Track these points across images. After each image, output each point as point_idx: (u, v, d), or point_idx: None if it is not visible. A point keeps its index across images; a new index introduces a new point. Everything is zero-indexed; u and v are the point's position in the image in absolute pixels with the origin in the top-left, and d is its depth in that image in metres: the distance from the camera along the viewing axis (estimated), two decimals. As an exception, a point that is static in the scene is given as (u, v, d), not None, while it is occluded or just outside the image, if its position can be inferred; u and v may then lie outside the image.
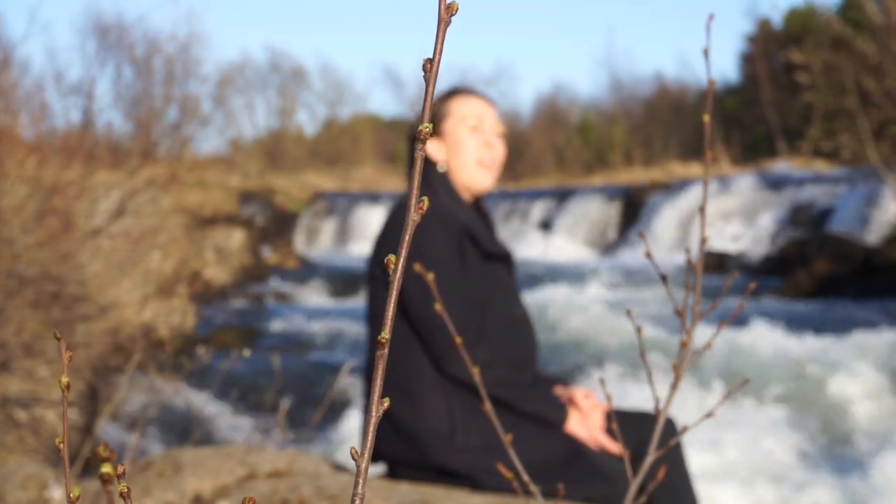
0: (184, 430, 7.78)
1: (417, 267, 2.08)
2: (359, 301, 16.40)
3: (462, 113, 3.56)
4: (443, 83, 3.85)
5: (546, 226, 25.55)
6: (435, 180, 3.51)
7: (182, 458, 3.60)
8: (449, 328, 3.21)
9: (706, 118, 1.53)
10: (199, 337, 10.96)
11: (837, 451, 7.65)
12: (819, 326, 10.83)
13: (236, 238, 19.48)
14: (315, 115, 49.96)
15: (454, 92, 3.63)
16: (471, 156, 3.55)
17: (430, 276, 1.87)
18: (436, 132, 3.55)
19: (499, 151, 3.63)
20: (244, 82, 46.18)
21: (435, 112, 3.57)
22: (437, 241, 3.30)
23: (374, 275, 3.51)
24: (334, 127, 47.94)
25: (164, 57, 18.46)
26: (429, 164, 3.56)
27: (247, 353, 4.02)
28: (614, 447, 3.34)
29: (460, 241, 3.38)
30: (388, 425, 3.35)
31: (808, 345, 10.02)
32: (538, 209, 26.33)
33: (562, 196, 26.77)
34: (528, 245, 23.73)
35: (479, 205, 3.67)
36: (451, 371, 3.27)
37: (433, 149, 3.55)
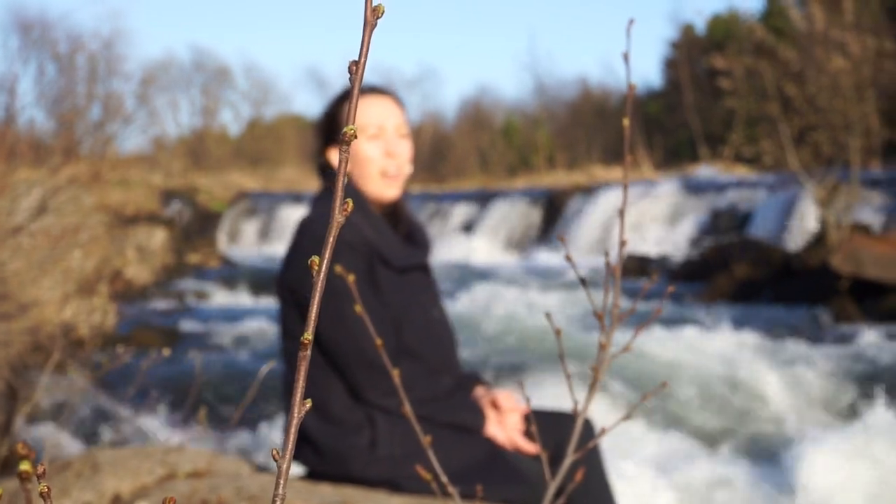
0: (103, 429, 7.70)
1: (338, 269, 2.08)
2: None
3: (361, 121, 3.41)
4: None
5: (468, 228, 25.61)
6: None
7: (101, 457, 3.58)
8: (360, 356, 3.21)
9: (626, 122, 1.55)
10: (120, 336, 10.85)
11: (753, 451, 7.74)
12: (738, 330, 10.95)
13: (158, 237, 19.32)
14: (239, 115, 49.69)
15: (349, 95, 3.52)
16: (374, 167, 3.44)
17: (351, 279, 1.88)
18: (335, 139, 3.48)
19: (403, 157, 3.49)
20: (168, 81, 45.81)
21: (334, 119, 3.49)
22: (341, 264, 3.21)
23: (283, 297, 3.42)
24: (258, 127, 47.69)
25: (88, 54, 18.30)
26: (332, 174, 3.47)
27: (167, 352, 4.01)
28: (533, 449, 3.36)
29: (369, 261, 3.32)
30: (308, 444, 3.33)
31: (727, 348, 10.12)
32: (461, 211, 26.37)
33: (484, 198, 26.84)
34: (450, 247, 23.76)
35: (395, 208, 3.60)
36: (368, 399, 3.25)
37: (335, 158, 3.45)
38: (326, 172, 3.54)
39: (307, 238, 3.37)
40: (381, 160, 3.44)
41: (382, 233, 3.41)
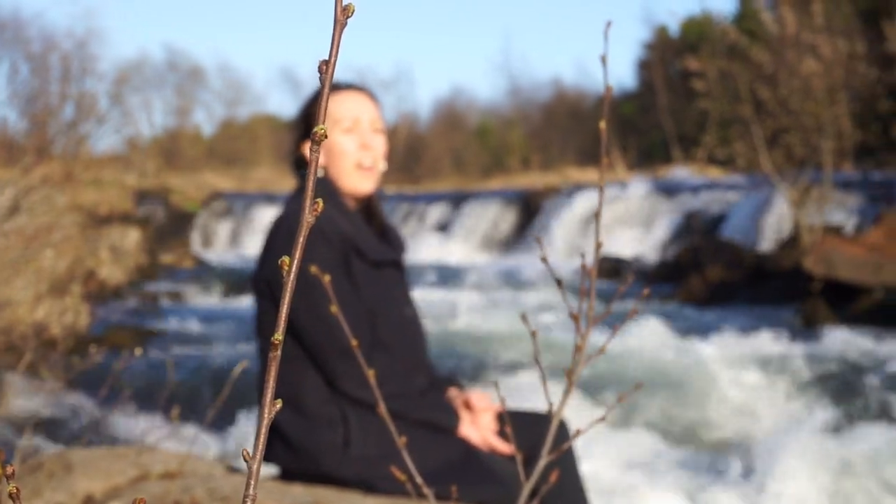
0: (75, 430, 7.67)
1: (313, 268, 2.08)
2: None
3: (336, 115, 3.45)
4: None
5: (443, 229, 25.62)
6: (316, 187, 3.42)
7: (73, 458, 3.56)
8: (337, 346, 3.22)
9: (602, 125, 1.55)
10: (93, 336, 10.81)
11: (724, 453, 7.77)
12: (711, 331, 11.00)
13: (132, 237, 19.25)
14: (212, 115, 49.60)
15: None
16: (349, 160, 3.46)
17: (327, 279, 1.88)
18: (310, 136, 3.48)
19: (378, 150, 3.52)
20: (141, 80, 45.65)
21: (310, 114, 3.50)
22: (317, 255, 3.24)
23: (260, 291, 3.45)
24: (232, 127, 47.59)
25: (61, 54, 18.24)
26: (309, 167, 3.46)
27: (139, 352, 3.99)
28: (507, 449, 3.36)
29: (344, 253, 3.33)
30: (281, 440, 3.32)
31: (700, 350, 10.16)
32: (435, 212, 26.38)
33: (459, 199, 26.85)
34: (424, 248, 23.76)
35: (369, 204, 3.62)
36: (343, 390, 3.25)
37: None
38: (302, 169, 3.55)
39: (282, 234, 3.39)
40: (356, 153, 3.47)
41: (358, 227, 3.43)
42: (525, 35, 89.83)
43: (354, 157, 3.47)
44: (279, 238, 3.40)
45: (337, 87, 3.52)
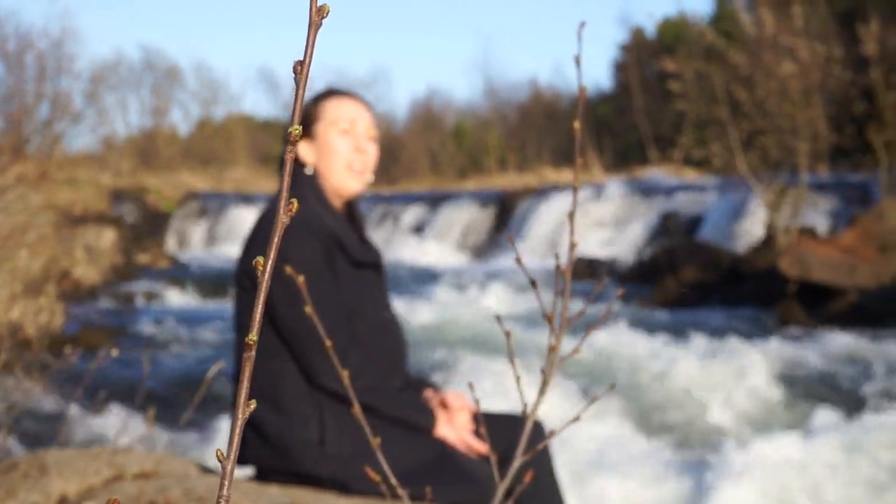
0: (50, 430, 7.65)
1: (289, 269, 2.08)
2: (230, 301, 16.31)
3: (333, 116, 3.51)
4: (317, 85, 3.83)
5: (419, 230, 25.63)
6: (304, 185, 3.47)
7: (48, 459, 3.55)
8: (316, 339, 3.23)
9: (576, 125, 1.56)
10: (68, 336, 10.77)
11: (699, 453, 7.80)
12: (686, 332, 11.03)
13: (107, 237, 19.20)
14: (189, 115, 49.45)
15: (328, 94, 3.57)
16: (341, 160, 3.50)
17: (301, 279, 1.88)
18: (307, 134, 3.52)
19: (370, 156, 3.57)
20: (117, 80, 45.52)
21: (307, 114, 3.52)
22: (303, 249, 3.26)
23: (242, 283, 3.47)
24: (208, 127, 47.47)
25: (37, 53, 18.16)
26: (298, 167, 3.51)
27: (115, 352, 3.99)
28: (483, 449, 3.37)
29: (328, 248, 3.35)
30: (258, 436, 3.33)
31: (675, 351, 10.19)
32: (412, 213, 26.39)
33: (435, 200, 26.87)
34: (400, 249, 23.78)
35: (350, 209, 3.64)
36: (320, 382, 3.26)
37: (304, 151, 3.51)
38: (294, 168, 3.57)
39: (265, 229, 3.41)
40: (349, 154, 3.52)
41: (342, 226, 3.46)
42: (502, 36, 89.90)
43: (347, 158, 3.51)
44: (262, 233, 3.42)
45: (337, 92, 3.59)
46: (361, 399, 3.18)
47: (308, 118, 3.52)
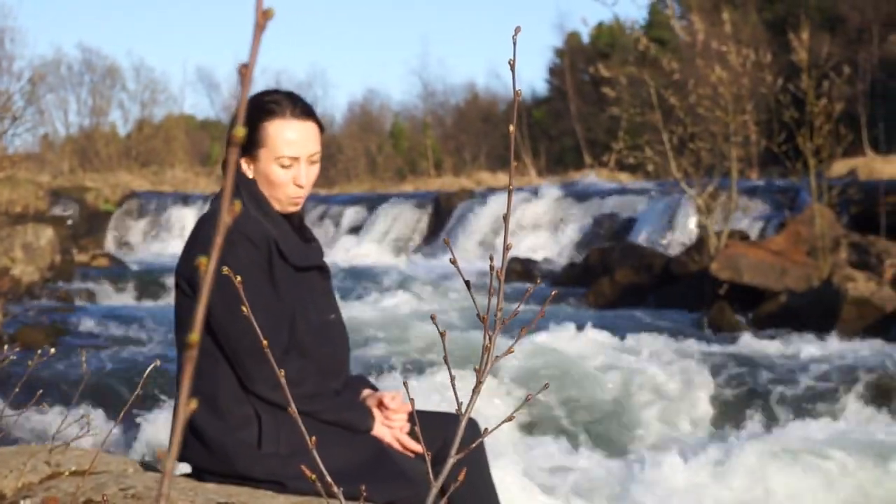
0: (-16, 430, 7.59)
1: (226, 270, 2.11)
2: (169, 301, 16.24)
3: (276, 147, 3.39)
4: (258, 87, 3.73)
5: (357, 231, 25.61)
6: (244, 189, 3.42)
7: (-15, 457, 3.55)
8: (252, 347, 3.24)
9: (511, 128, 1.60)
10: (6, 335, 10.69)
11: (627, 453, 7.88)
12: (619, 334, 11.11)
13: (46, 236, 19.00)
14: (128, 115, 49.06)
15: (274, 112, 3.41)
16: (280, 191, 3.42)
17: (238, 284, 1.91)
18: (249, 152, 3.44)
19: (309, 185, 3.48)
20: (57, 80, 45.16)
21: (250, 129, 3.42)
22: (240, 257, 3.24)
23: (181, 286, 3.45)
24: (147, 127, 47.08)
25: (-24, 52, 17.97)
26: (239, 170, 3.46)
27: (53, 351, 3.98)
28: (418, 449, 3.41)
29: (268, 253, 3.33)
30: (195, 436, 3.33)
31: (608, 352, 10.28)
32: (349, 214, 26.36)
33: (372, 202, 26.86)
34: (338, 250, 23.76)
35: (294, 212, 3.57)
36: (255, 390, 3.27)
37: (245, 168, 3.45)
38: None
39: (206, 231, 3.39)
40: (289, 187, 3.43)
41: (282, 230, 3.43)
42: (440, 39, 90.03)
43: (287, 190, 3.43)
44: (203, 235, 3.42)
45: (284, 112, 3.43)
46: (299, 408, 3.19)
47: (251, 136, 3.42)
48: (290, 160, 3.41)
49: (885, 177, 19.87)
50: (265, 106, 3.43)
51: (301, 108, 3.48)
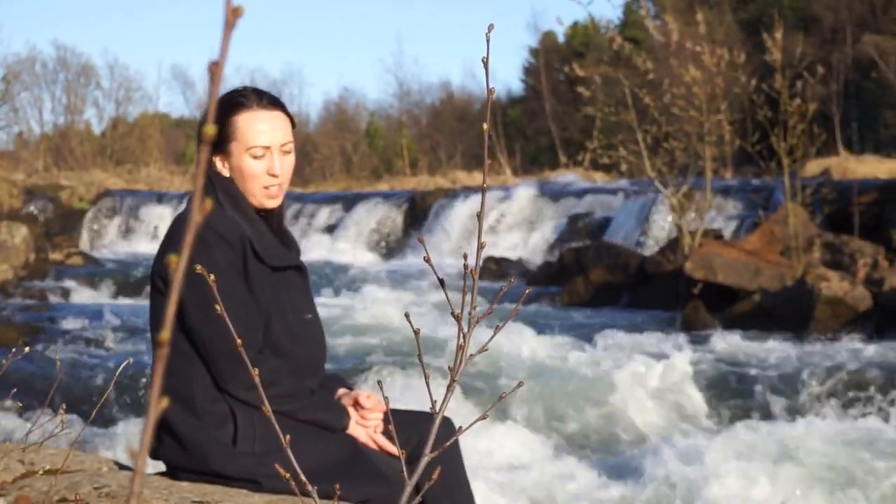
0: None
1: (199, 268, 2.11)
2: (143, 299, 16.22)
3: (247, 139, 3.40)
4: (232, 84, 3.71)
5: (332, 229, 25.60)
6: (219, 187, 3.41)
7: (-42, 456, 3.54)
8: (226, 347, 3.24)
9: (485, 127, 1.60)
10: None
11: (602, 451, 7.91)
12: (594, 333, 11.14)
13: (20, 234, 18.96)
14: (103, 113, 48.91)
15: (242, 105, 3.43)
16: (256, 183, 3.43)
17: (212, 284, 1.91)
18: (221, 150, 3.45)
19: (286, 174, 3.49)
20: (32, 78, 45.00)
21: (221, 126, 3.43)
22: (214, 255, 3.24)
23: (156, 285, 3.43)
24: (122, 125, 46.94)
25: (-52, 50, 17.89)
26: (213, 168, 3.45)
27: (27, 349, 3.97)
28: (393, 448, 3.41)
29: (243, 253, 3.32)
30: (171, 436, 3.32)
31: (583, 350, 10.31)
32: (324, 213, 26.36)
33: (348, 200, 26.86)
34: (314, 249, 23.74)
35: (272, 210, 3.56)
36: (229, 390, 3.27)
37: (219, 166, 3.45)
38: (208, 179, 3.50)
39: (181, 229, 3.38)
40: (263, 178, 3.43)
41: (259, 230, 3.42)
42: (415, 38, 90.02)
43: (262, 181, 3.43)
44: (178, 234, 3.41)
45: (251, 104, 3.45)
46: (274, 407, 3.19)
47: (222, 132, 3.43)
48: (262, 149, 3.42)
49: (859, 176, 19.99)
50: (233, 100, 3.45)
51: (268, 99, 3.50)
